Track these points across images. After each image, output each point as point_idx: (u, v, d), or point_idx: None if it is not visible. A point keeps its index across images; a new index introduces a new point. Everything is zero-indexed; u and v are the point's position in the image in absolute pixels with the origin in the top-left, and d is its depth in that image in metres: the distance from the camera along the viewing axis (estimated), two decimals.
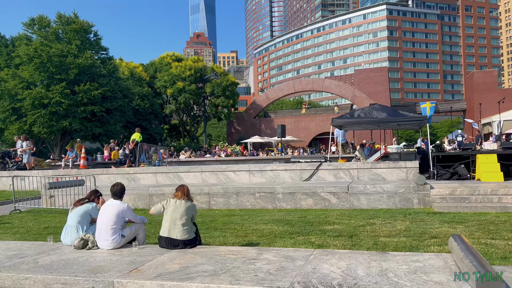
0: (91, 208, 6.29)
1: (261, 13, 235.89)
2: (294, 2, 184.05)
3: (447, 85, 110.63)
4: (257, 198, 10.96)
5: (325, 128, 50.17)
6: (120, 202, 5.98)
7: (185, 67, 48.43)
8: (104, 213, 5.85)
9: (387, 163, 13.04)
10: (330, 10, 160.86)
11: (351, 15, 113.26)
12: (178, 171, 15.20)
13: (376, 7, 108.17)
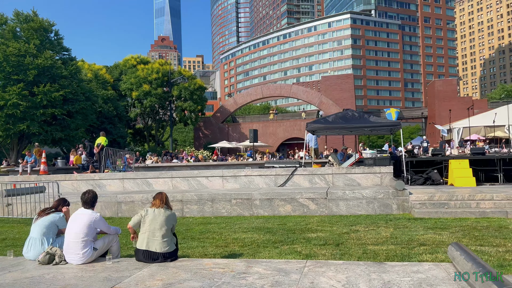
0: (58, 219, 5.68)
1: (227, 18, 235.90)
2: (261, 8, 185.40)
3: (407, 93, 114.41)
4: (233, 205, 10.55)
5: (292, 133, 50.40)
6: (92, 212, 5.43)
7: (152, 69, 47.30)
8: (74, 223, 5.28)
9: (362, 168, 12.98)
10: (295, 17, 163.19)
11: (316, 23, 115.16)
12: (147, 177, 14.53)
13: (340, 16, 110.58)
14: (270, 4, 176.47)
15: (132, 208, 11.04)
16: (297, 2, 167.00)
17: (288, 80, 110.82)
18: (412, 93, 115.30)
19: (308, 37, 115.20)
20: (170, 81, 46.72)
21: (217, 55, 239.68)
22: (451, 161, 12.19)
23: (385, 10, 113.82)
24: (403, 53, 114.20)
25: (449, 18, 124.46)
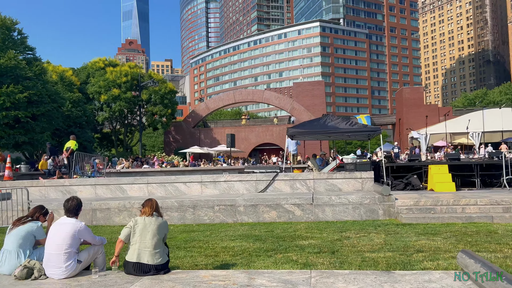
0: (36, 228, 5.16)
1: (197, 23, 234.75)
2: (231, 14, 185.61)
3: (374, 100, 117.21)
4: (216, 212, 10.18)
5: (265, 139, 50.35)
6: (76, 220, 4.96)
7: (121, 72, 46.03)
8: (56, 234, 4.79)
9: (343, 173, 12.90)
10: (265, 24, 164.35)
11: (286, 30, 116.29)
12: (121, 183, 13.88)
13: (310, 24, 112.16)
14: (240, 10, 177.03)
15: (108, 216, 10.47)
16: (267, 9, 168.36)
17: (259, 86, 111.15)
18: (379, 100, 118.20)
19: (278, 43, 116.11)
20: (140, 85, 45.66)
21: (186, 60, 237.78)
22: (431, 167, 12.31)
23: (353, 19, 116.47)
24: (370, 62, 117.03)
25: (413, 29, 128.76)
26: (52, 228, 4.92)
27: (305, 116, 48.25)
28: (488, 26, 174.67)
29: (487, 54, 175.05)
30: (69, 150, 15.80)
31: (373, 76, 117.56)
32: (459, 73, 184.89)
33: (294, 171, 14.26)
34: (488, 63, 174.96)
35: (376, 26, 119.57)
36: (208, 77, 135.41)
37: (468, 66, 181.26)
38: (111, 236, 8.39)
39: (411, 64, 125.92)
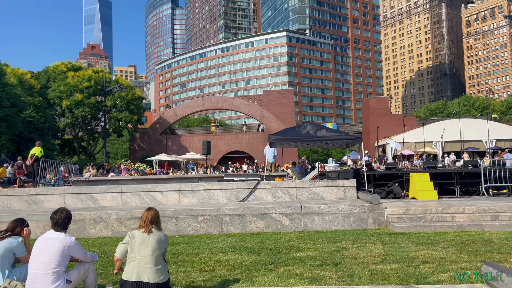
0: (16, 244, 4.55)
1: (162, 29, 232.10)
2: (197, 21, 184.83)
3: (339, 110, 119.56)
4: (200, 222, 9.67)
5: (234, 146, 49.90)
6: (65, 235, 4.40)
7: (83, 77, 44.33)
8: (42, 251, 4.21)
9: (325, 181, 12.71)
10: (232, 32, 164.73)
11: (254, 39, 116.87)
12: (92, 192, 13.07)
13: (277, 33, 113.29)
14: (207, 18, 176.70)
15: (82, 228, 9.73)
16: (234, 18, 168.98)
17: (226, 93, 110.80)
18: (343, 110, 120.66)
19: (245, 52, 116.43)
20: (105, 90, 44.17)
21: (151, 66, 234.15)
22: (412, 175, 12.36)
23: (319, 30, 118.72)
24: (335, 72, 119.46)
25: (376, 41, 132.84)
26: (37, 244, 4.34)
27: (274, 124, 48.29)
28: (444, 41, 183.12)
29: (444, 67, 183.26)
30: (33, 157, 14.77)
31: (338, 86, 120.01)
32: (418, 85, 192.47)
33: (276, 179, 13.97)
34: (445, 76, 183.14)
35: (341, 37, 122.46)
36: (174, 83, 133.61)
37: (426, 78, 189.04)
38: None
39: (374, 75, 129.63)
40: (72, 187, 13.44)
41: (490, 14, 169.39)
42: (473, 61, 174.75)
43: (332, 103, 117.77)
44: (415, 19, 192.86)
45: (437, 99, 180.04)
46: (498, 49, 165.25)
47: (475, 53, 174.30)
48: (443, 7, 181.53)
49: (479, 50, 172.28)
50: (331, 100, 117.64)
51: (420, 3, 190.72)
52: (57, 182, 20.94)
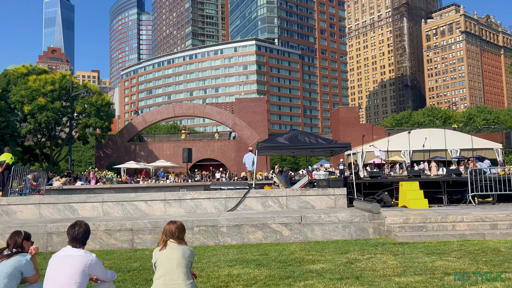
0: (24, 263, 3.99)
1: (128, 34, 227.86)
2: (164, 27, 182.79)
3: (306, 119, 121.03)
4: (195, 233, 9.19)
5: (205, 154, 49.22)
6: (85, 252, 3.91)
7: (46, 80, 42.36)
8: (59, 270, 3.71)
9: (316, 190, 12.53)
10: (200, 39, 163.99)
11: (223, 47, 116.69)
12: (71, 201, 12.25)
13: (246, 42, 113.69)
14: (175, 24, 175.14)
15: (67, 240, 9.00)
16: (202, 25, 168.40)
17: (194, 100, 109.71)
18: (311, 119, 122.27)
19: (214, 59, 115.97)
20: (71, 95, 42.44)
21: (115, 71, 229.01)
22: (402, 183, 12.39)
23: (287, 40, 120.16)
24: (303, 82, 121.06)
25: (342, 52, 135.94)
26: (53, 262, 3.82)
27: (246, 132, 48.08)
28: (406, 54, 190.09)
29: (405, 79, 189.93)
30: (3, 164, 13.75)
31: (305, 95, 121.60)
32: (381, 96, 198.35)
33: (265, 187, 13.65)
34: (406, 87, 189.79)
35: (309, 47, 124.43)
36: (140, 89, 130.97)
37: (389, 89, 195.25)
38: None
39: (340, 85, 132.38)
40: (49, 197, 12.56)
41: (448, 30, 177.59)
42: (432, 73, 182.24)
43: (300, 112, 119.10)
44: (378, 32, 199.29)
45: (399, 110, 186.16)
46: (456, 62, 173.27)
47: (435, 66, 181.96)
48: (404, 21, 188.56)
49: (438, 64, 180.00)
50: (299, 109, 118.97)
51: (383, 17, 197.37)
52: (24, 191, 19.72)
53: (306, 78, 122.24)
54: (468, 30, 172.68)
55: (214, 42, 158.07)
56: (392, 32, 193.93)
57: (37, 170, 18.54)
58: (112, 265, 7.29)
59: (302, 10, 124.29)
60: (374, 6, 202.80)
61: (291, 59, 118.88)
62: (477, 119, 63.18)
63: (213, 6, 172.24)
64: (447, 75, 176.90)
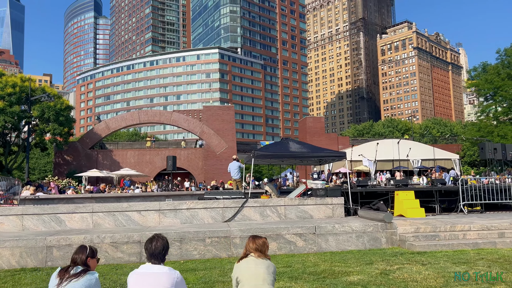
0: (94, 282, 3.54)
1: (83, 38, 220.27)
2: (123, 33, 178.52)
3: (268, 128, 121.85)
4: (207, 245, 8.79)
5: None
6: (169, 269, 3.54)
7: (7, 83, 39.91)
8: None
9: (314, 199, 12.46)
10: (160, 46, 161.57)
11: (185, 54, 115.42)
12: (58, 212, 11.42)
13: (209, 50, 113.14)
14: (134, 29, 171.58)
15: (69, 255, 8.30)
16: (162, 31, 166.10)
17: (155, 107, 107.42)
18: (272, 128, 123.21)
19: (176, 66, 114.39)
20: (30, 98, 40.18)
21: (69, 76, 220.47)
22: (399, 193, 12.57)
23: (250, 49, 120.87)
24: (265, 91, 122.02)
25: (303, 63, 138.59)
26: (134, 281, 3.41)
27: (215, 140, 47.52)
28: (362, 67, 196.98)
29: (361, 91, 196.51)
30: None
31: (268, 105, 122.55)
32: (338, 107, 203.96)
33: (262, 196, 13.39)
34: (362, 99, 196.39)
35: (271, 58, 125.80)
36: (97, 95, 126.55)
37: (346, 101, 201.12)
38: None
39: (301, 96, 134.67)
40: (33, 207, 11.62)
41: (401, 45, 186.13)
42: (387, 86, 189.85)
43: (262, 121, 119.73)
44: (336, 45, 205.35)
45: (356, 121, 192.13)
46: (408, 77, 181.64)
47: (389, 79, 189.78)
48: (361, 35, 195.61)
49: (392, 77, 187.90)
50: (261, 118, 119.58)
51: (340, 31, 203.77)
52: None
53: (268, 88, 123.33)
54: (419, 46, 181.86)
55: (174, 49, 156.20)
56: (349, 46, 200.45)
57: (5, 178, 17.18)
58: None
59: (264, 21, 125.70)
60: (332, 20, 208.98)
61: (253, 69, 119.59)
62: (432, 131, 66.24)
63: (174, 13, 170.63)
64: (401, 88, 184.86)
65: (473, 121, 49.22)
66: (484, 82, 39.71)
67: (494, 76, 39.23)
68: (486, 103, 42.05)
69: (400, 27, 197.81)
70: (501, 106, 40.56)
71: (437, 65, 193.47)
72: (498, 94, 39.14)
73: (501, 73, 39.54)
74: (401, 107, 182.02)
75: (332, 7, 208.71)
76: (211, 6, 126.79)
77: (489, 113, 41.31)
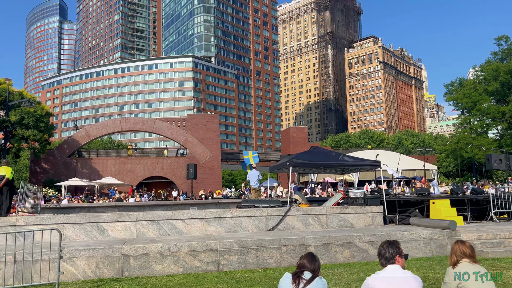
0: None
1: (47, 42, 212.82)
2: (90, 38, 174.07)
3: (241, 138, 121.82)
4: (283, 253, 8.64)
5: (154, 171, 46.99)
6: (411, 273, 3.47)
7: None
8: None
9: (354, 208, 12.54)
10: (130, 53, 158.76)
11: (158, 61, 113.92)
12: (100, 221, 10.89)
13: (183, 58, 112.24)
14: (102, 35, 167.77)
15: (147, 264, 7.93)
16: (132, 38, 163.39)
17: (125, 115, 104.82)
18: (245, 138, 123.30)
19: (149, 74, 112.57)
20: (7, 103, 38.28)
21: (31, 81, 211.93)
22: (435, 201, 12.88)
23: (224, 59, 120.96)
24: (239, 101, 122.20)
25: (275, 74, 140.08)
26: (381, 285, 3.31)
27: (199, 149, 46.96)
28: (330, 79, 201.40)
29: (329, 103, 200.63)
30: (4, 179, 11.86)
31: (241, 114, 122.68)
32: (307, 118, 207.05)
33: (301, 205, 13.32)
34: (330, 111, 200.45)
35: (244, 68, 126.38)
36: (64, 101, 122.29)
37: (314, 112, 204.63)
38: None
39: (273, 106, 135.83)
40: (75, 216, 11.00)
41: (368, 59, 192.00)
42: (354, 99, 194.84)
43: (235, 130, 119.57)
44: (305, 57, 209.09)
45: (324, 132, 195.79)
46: (375, 90, 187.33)
47: (356, 92, 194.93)
48: (329, 49, 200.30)
49: (359, 90, 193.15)
50: (234, 128, 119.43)
51: (309, 43, 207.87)
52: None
53: (241, 97, 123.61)
54: (385, 60, 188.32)
55: (144, 56, 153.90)
56: (318, 58, 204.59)
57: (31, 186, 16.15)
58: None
59: (238, 31, 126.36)
60: (301, 32, 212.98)
61: (227, 78, 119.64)
62: (405, 142, 68.57)
63: (144, 20, 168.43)
64: (367, 101, 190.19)
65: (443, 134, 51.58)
66: (462, 96, 41.64)
67: (471, 91, 41.25)
68: (463, 116, 44.09)
69: (367, 42, 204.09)
70: (478, 119, 42.66)
71: (401, 79, 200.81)
72: (475, 108, 41.14)
73: (477, 88, 41.64)
74: (367, 119, 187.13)
75: (301, 20, 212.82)
76: (184, 15, 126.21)
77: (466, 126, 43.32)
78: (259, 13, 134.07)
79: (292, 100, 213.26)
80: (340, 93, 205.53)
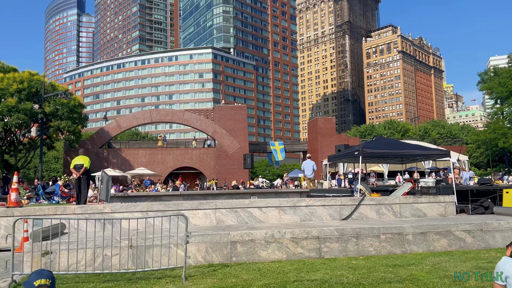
0: None
1: (66, 35, 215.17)
2: (108, 31, 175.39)
3: (260, 129, 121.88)
4: (382, 241, 8.62)
5: (183, 162, 47.41)
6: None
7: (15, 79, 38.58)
8: None
9: (427, 197, 12.43)
10: (147, 45, 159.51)
11: (178, 53, 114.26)
12: (181, 209, 11.02)
13: (202, 50, 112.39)
14: (120, 27, 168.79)
15: (252, 250, 8.02)
16: (150, 30, 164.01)
17: (146, 107, 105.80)
18: (264, 129, 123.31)
19: (169, 66, 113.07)
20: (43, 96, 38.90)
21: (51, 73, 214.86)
22: (509, 191, 12.70)
23: (243, 50, 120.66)
24: (257, 92, 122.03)
25: (293, 65, 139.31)
26: None
27: (227, 140, 47.15)
28: (347, 70, 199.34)
29: (346, 94, 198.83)
30: (81, 169, 12.09)
31: (259, 106, 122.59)
32: (323, 109, 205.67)
33: (372, 194, 13.27)
34: (347, 101, 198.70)
35: (262, 59, 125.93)
36: (85, 93, 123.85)
37: (331, 103, 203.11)
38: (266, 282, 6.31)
39: (291, 97, 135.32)
40: (158, 204, 11.17)
41: (386, 49, 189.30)
42: (372, 89, 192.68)
43: (254, 121, 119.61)
44: (322, 47, 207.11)
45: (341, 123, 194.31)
46: (393, 80, 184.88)
47: (374, 82, 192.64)
48: (346, 38, 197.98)
49: (377, 80, 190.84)
50: (253, 119, 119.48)
51: (326, 33, 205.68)
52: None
53: (260, 88, 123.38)
54: (404, 50, 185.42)
55: (162, 48, 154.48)
56: (335, 48, 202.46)
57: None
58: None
59: (256, 22, 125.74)
60: (318, 22, 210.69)
61: (246, 69, 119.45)
62: (432, 133, 67.64)
63: (162, 12, 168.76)
64: (385, 91, 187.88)
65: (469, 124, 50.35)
66: (497, 85, 40.79)
67: (507, 80, 40.35)
68: (497, 105, 43.24)
69: (385, 31, 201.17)
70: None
71: (420, 68, 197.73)
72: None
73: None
74: (385, 110, 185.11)
75: (318, 9, 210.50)
76: (203, 6, 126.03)
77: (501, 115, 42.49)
78: (277, 3, 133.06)
79: (309, 91, 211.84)
80: (358, 83, 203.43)
